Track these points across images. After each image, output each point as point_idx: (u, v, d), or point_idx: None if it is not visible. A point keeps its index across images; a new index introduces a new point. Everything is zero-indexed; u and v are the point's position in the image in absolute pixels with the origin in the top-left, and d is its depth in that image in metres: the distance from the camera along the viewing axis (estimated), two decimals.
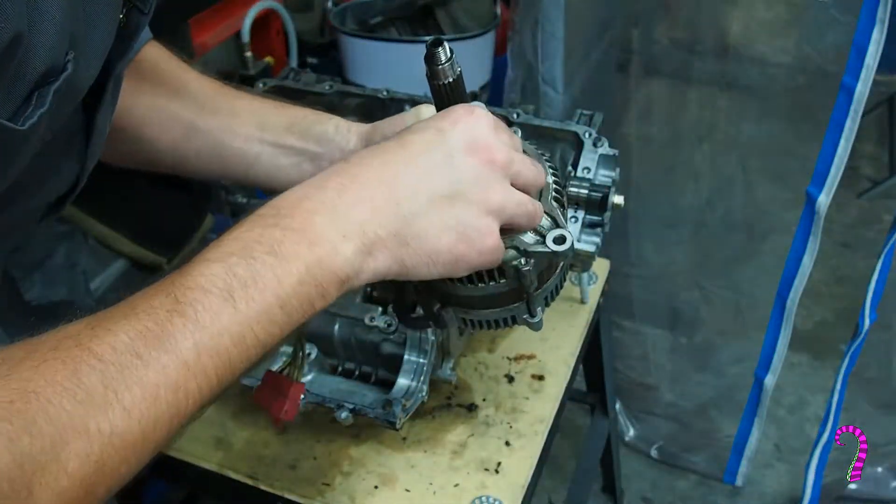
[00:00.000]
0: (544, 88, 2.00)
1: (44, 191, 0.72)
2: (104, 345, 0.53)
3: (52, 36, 0.55)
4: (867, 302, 1.71)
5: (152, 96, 0.95)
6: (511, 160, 0.68)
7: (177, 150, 0.95)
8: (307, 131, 0.93)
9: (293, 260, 0.60)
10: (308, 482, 1.13)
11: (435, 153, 0.66)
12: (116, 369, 0.52)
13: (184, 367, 0.55)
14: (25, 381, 0.50)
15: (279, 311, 0.59)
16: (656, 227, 2.25)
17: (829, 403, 1.86)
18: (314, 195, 0.63)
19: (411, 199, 0.64)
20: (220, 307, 0.57)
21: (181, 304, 0.56)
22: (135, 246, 2.17)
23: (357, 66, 2.68)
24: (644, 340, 2.32)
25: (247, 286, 0.58)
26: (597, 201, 1.18)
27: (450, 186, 0.65)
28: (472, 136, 0.67)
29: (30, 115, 0.55)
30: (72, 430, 0.50)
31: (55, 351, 0.52)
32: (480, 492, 1.11)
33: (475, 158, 0.66)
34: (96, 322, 0.55)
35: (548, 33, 1.93)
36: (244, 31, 2.41)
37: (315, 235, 0.61)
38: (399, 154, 0.66)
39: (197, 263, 0.59)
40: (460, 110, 0.69)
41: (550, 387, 1.27)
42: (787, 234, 1.80)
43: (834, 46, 1.72)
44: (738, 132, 2.12)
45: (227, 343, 0.57)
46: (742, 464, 2.16)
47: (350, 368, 1.22)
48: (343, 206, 0.63)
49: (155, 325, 0.55)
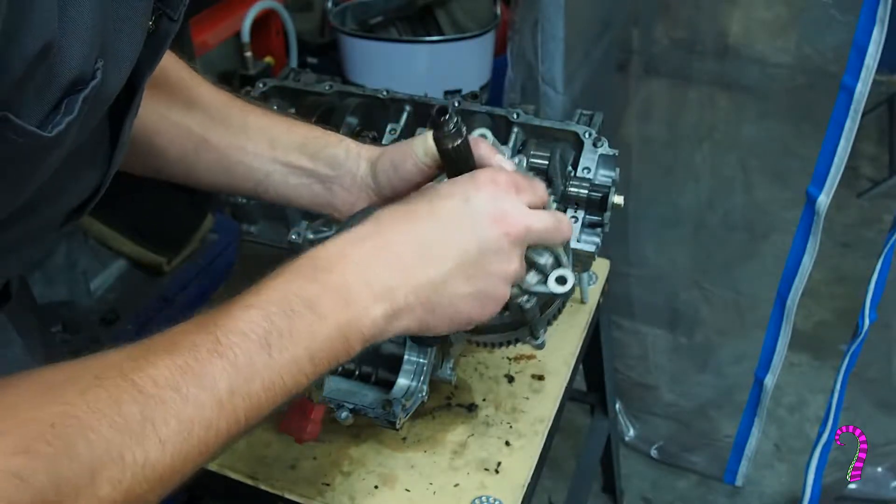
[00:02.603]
0: (544, 88, 2.00)
1: (66, 198, 0.72)
2: (146, 377, 0.55)
3: (82, 44, 0.55)
4: (867, 302, 1.71)
5: (165, 107, 0.95)
6: (529, 229, 0.73)
7: (186, 162, 0.96)
8: (318, 153, 0.94)
9: (327, 317, 0.63)
10: (308, 482, 1.13)
11: (462, 223, 0.70)
12: (156, 402, 0.55)
13: (218, 406, 0.58)
14: (68, 404, 0.52)
15: (308, 362, 0.63)
16: (656, 227, 2.25)
17: (829, 403, 1.86)
18: (351, 254, 0.66)
19: (439, 267, 0.68)
20: (257, 353, 0.60)
21: (222, 345, 0.59)
22: (135, 246, 2.17)
23: (357, 66, 2.67)
24: (644, 340, 2.32)
25: (282, 336, 0.61)
26: (597, 201, 1.18)
27: (475, 257, 0.70)
28: (497, 208, 0.71)
29: (58, 122, 0.56)
30: (108, 457, 0.52)
31: (98, 379, 0.54)
32: (480, 492, 1.11)
33: (498, 230, 0.70)
34: (139, 353, 0.58)
35: (548, 33, 1.92)
36: (244, 31, 2.41)
37: (349, 296, 0.65)
38: (429, 223, 0.70)
39: (238, 307, 0.62)
40: (484, 178, 0.72)
41: (550, 387, 1.27)
42: (787, 234, 1.80)
43: (834, 46, 1.72)
44: (738, 132, 2.12)
45: (258, 388, 0.60)
46: (742, 464, 2.16)
47: (350, 368, 1.22)
48: (377, 268, 0.66)
49: (195, 363, 0.58)
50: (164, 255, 2.22)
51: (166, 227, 2.21)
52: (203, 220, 2.31)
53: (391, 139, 1.35)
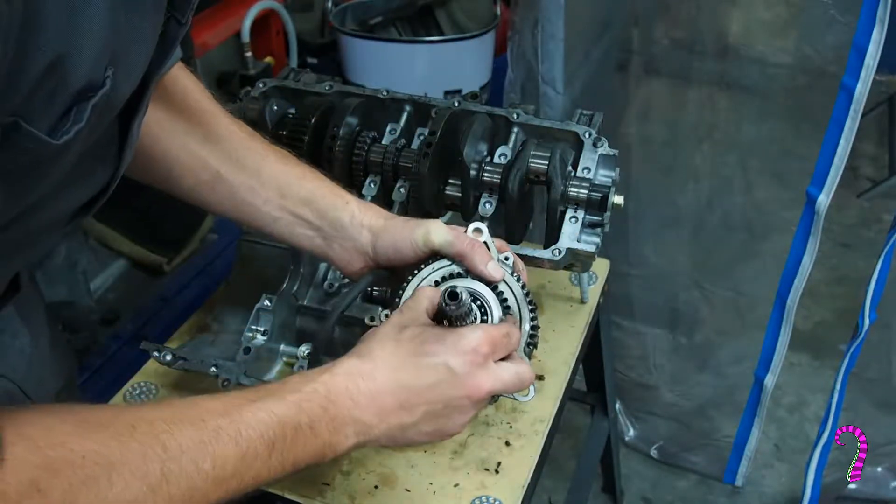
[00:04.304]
0: (544, 88, 2.00)
1: (74, 195, 0.76)
2: (173, 442, 0.65)
3: (92, 53, 0.58)
4: (867, 302, 1.71)
5: (184, 135, 1.00)
6: (492, 391, 0.85)
7: (200, 191, 1.02)
8: (324, 213, 1.01)
9: (319, 437, 0.77)
10: (308, 482, 1.13)
11: (439, 385, 0.82)
12: (175, 466, 0.65)
13: (218, 484, 0.69)
14: (101, 444, 0.61)
15: (291, 466, 0.76)
16: (656, 227, 2.25)
17: (829, 403, 1.86)
18: (354, 393, 0.80)
19: (410, 415, 0.83)
20: (262, 451, 0.72)
21: (242, 437, 0.71)
22: (135, 246, 2.17)
23: (357, 66, 2.67)
24: (644, 340, 2.32)
25: (285, 443, 0.74)
26: (597, 201, 1.18)
27: (440, 410, 0.84)
28: (469, 380, 0.83)
29: (66, 130, 0.59)
30: (123, 498, 0.61)
31: (132, 430, 0.64)
32: (480, 492, 1.11)
33: (466, 395, 0.83)
34: (170, 417, 0.68)
35: (548, 33, 1.92)
36: (244, 31, 2.41)
37: (339, 426, 0.79)
38: (412, 378, 0.83)
39: (261, 409, 0.74)
40: (466, 346, 0.83)
41: (550, 387, 1.27)
42: (787, 234, 1.79)
43: (834, 46, 1.72)
44: (738, 132, 2.11)
45: (251, 476, 0.72)
46: (742, 464, 2.16)
47: None
48: (364, 411, 0.81)
49: (215, 445, 0.68)
50: (164, 255, 2.22)
51: (166, 228, 2.21)
52: (203, 220, 2.31)
53: (391, 139, 1.35)
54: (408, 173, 1.28)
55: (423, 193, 1.26)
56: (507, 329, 0.88)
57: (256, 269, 1.31)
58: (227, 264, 2.04)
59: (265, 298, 1.20)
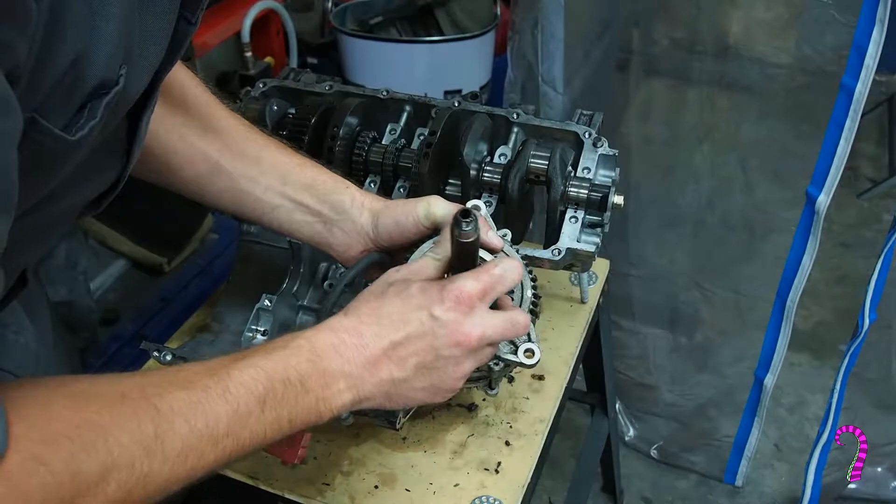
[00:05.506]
0: (544, 88, 2.00)
1: (84, 189, 0.77)
2: (164, 404, 0.66)
3: (108, 52, 0.59)
4: (867, 302, 1.71)
5: (183, 128, 1.00)
6: (482, 338, 0.84)
7: (200, 183, 1.02)
8: (325, 197, 1.01)
9: (310, 392, 0.77)
10: (308, 482, 1.13)
11: (425, 335, 0.82)
12: (168, 426, 0.66)
13: (213, 442, 0.69)
14: (95, 413, 0.62)
15: (287, 424, 0.76)
16: (656, 227, 2.25)
17: (829, 403, 1.86)
18: (340, 346, 0.80)
19: (400, 367, 0.82)
20: (254, 407, 0.72)
21: (231, 394, 0.71)
22: (135, 246, 2.17)
23: (357, 66, 2.67)
24: (644, 340, 2.32)
25: (276, 398, 0.74)
26: (597, 201, 1.18)
27: (431, 362, 0.83)
28: (455, 326, 0.82)
29: (81, 126, 0.61)
30: (121, 461, 0.62)
31: (124, 397, 0.65)
32: (480, 492, 1.11)
33: (454, 343, 0.82)
34: (159, 381, 0.69)
35: (548, 33, 1.92)
36: (244, 31, 2.41)
37: (330, 380, 0.79)
38: (398, 331, 0.82)
39: (248, 364, 0.74)
40: (451, 295, 0.82)
41: (550, 387, 1.27)
42: (787, 234, 1.79)
43: (834, 46, 1.72)
44: (738, 132, 2.11)
45: (247, 434, 0.72)
46: (742, 464, 2.16)
47: None
48: (353, 364, 0.80)
49: (206, 403, 0.69)
50: (164, 255, 2.22)
51: (166, 227, 2.21)
52: (203, 220, 2.31)
53: (391, 139, 1.35)
54: (408, 173, 1.28)
55: (423, 193, 1.26)
56: (497, 269, 0.86)
57: (256, 269, 1.31)
58: (227, 264, 2.05)
59: (265, 298, 1.20)
